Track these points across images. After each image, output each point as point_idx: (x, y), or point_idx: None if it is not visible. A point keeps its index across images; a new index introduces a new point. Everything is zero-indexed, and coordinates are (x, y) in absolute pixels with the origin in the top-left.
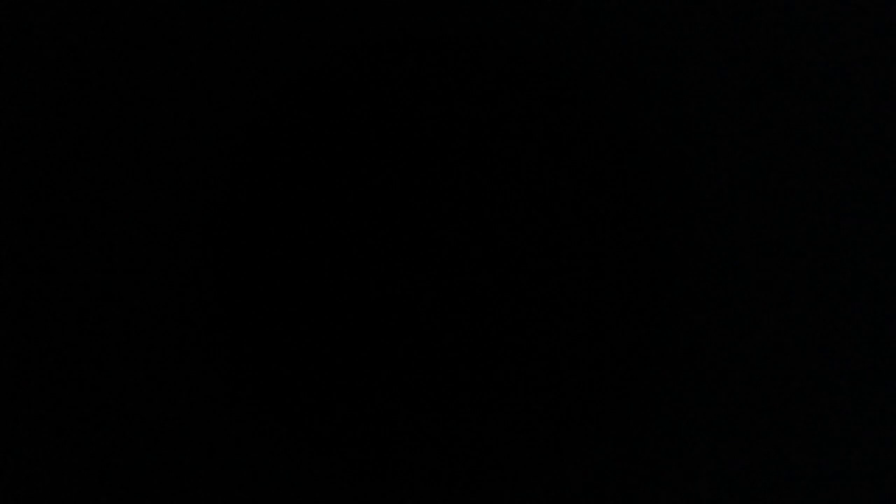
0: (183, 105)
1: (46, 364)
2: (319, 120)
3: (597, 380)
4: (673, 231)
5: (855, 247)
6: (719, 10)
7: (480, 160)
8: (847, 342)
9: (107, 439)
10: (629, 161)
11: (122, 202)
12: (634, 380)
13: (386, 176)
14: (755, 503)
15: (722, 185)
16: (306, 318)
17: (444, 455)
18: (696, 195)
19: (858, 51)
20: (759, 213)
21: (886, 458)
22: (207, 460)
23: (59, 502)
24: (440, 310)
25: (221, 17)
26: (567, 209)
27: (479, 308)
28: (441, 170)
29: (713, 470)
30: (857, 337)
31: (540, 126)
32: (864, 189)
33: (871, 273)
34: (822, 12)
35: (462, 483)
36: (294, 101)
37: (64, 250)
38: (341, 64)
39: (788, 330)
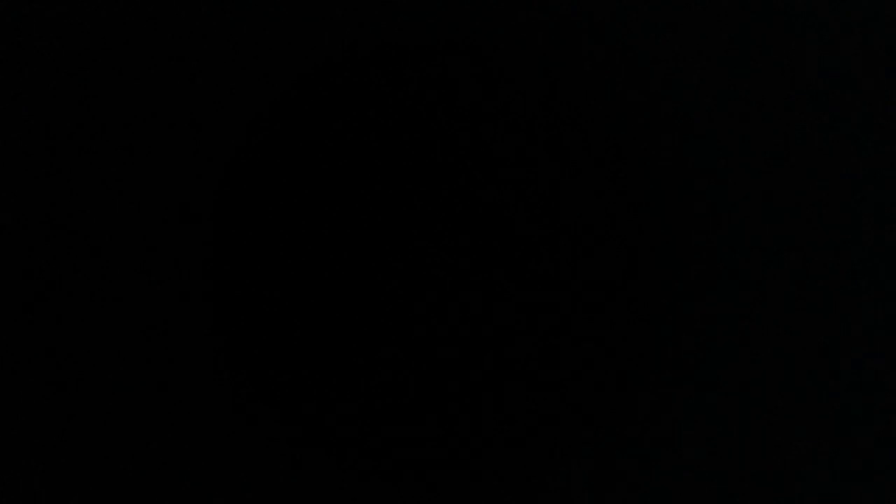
0: (183, 106)
1: (47, 362)
2: (320, 122)
3: (596, 380)
4: (673, 231)
5: (855, 247)
6: (719, 10)
7: (481, 161)
8: (847, 342)
9: (106, 438)
10: (630, 161)
11: (123, 201)
12: (634, 380)
13: (385, 176)
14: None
15: (722, 186)
16: (306, 318)
17: (444, 455)
18: (696, 196)
19: (858, 51)
20: (759, 213)
21: (887, 458)
22: (206, 459)
23: (58, 502)
24: (441, 310)
25: (222, 18)
26: (567, 209)
27: (479, 308)
28: (442, 170)
29: (713, 470)
30: (857, 337)
31: (541, 127)
32: (864, 189)
33: (871, 273)
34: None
35: (462, 483)
36: (294, 103)
37: (64, 249)
38: (341, 66)
39: (788, 330)
